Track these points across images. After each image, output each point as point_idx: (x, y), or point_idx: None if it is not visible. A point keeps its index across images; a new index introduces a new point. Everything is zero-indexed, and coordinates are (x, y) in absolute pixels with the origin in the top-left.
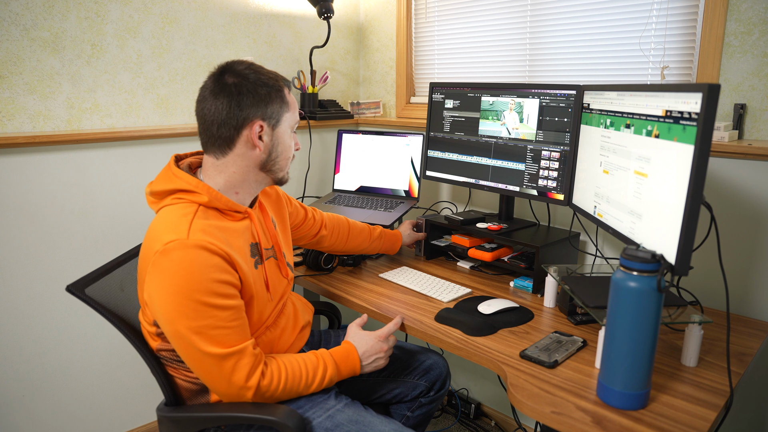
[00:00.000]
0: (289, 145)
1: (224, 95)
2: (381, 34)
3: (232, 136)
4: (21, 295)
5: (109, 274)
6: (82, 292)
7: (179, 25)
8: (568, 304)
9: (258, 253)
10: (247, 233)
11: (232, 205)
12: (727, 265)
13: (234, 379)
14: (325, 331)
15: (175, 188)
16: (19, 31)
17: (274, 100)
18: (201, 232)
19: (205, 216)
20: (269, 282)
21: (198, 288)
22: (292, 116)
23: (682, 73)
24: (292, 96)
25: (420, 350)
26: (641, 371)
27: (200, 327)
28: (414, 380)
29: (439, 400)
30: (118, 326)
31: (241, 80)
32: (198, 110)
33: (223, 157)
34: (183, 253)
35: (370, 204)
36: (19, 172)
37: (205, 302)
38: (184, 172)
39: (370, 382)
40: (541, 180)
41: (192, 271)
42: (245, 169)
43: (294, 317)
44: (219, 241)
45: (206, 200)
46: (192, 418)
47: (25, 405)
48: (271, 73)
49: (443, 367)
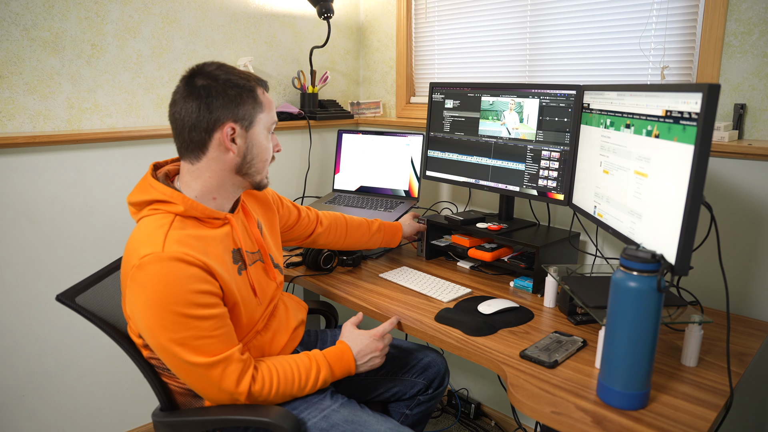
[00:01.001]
0: (265, 147)
1: (194, 98)
2: (381, 34)
3: (203, 140)
4: (21, 295)
5: (100, 282)
6: (73, 301)
7: (179, 25)
8: (568, 304)
9: (241, 259)
10: (227, 240)
11: (209, 212)
12: (727, 265)
13: (224, 385)
14: (322, 330)
15: (151, 199)
16: (19, 31)
17: (245, 101)
18: (176, 243)
19: (182, 226)
20: (256, 287)
21: (176, 300)
22: (267, 117)
23: (682, 73)
24: (267, 96)
25: (417, 348)
26: (641, 371)
27: (183, 338)
28: (412, 378)
29: (438, 398)
30: (110, 335)
31: (211, 82)
32: (170, 114)
33: (197, 162)
34: (159, 266)
35: (370, 204)
36: (19, 172)
37: (186, 314)
38: (159, 183)
39: (368, 381)
40: (541, 180)
41: (169, 284)
42: (220, 173)
43: (286, 318)
44: (196, 251)
45: (182, 210)
46: (187, 422)
47: (25, 405)
48: (242, 73)
49: (441, 365)
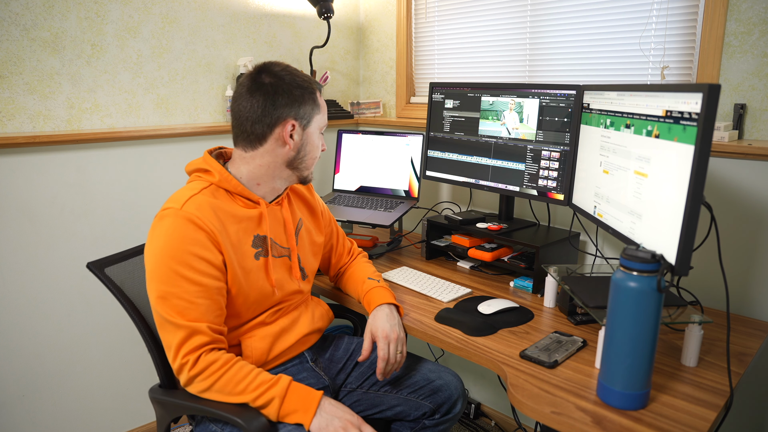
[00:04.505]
0: (316, 145)
1: (260, 94)
2: (381, 34)
3: (264, 133)
4: (21, 295)
5: (128, 260)
6: (102, 272)
7: (179, 25)
8: (568, 304)
9: (262, 246)
10: (252, 223)
11: (242, 190)
12: (727, 265)
13: (180, 351)
14: (340, 336)
15: (197, 167)
16: (19, 31)
17: (307, 102)
18: (195, 206)
19: (214, 195)
20: (272, 278)
21: (173, 255)
22: (322, 118)
23: (682, 73)
24: (322, 99)
25: (433, 367)
26: (641, 371)
27: (165, 292)
28: (418, 400)
29: (447, 425)
30: (126, 308)
31: (278, 81)
32: (233, 107)
33: (252, 150)
34: (171, 221)
35: (370, 204)
36: (19, 172)
37: (176, 271)
38: (210, 157)
39: (371, 394)
40: (541, 180)
41: (173, 239)
42: (272, 164)
43: (300, 322)
44: (210, 219)
45: (216, 179)
46: (176, 404)
47: (25, 405)
48: (305, 76)
49: (454, 390)
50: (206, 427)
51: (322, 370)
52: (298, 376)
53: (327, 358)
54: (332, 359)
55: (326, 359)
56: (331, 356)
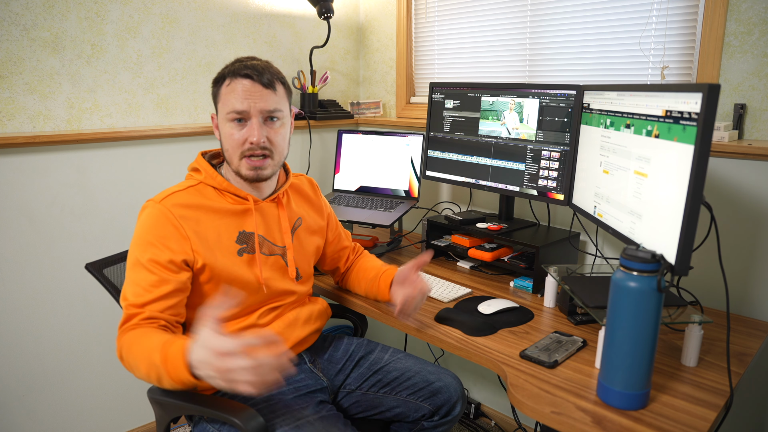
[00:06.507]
0: (227, 134)
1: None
2: (381, 34)
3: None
4: (21, 295)
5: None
6: (100, 273)
7: (179, 25)
8: (568, 304)
9: (247, 242)
10: (238, 219)
11: (227, 186)
12: (727, 265)
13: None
14: (339, 336)
15: (192, 166)
16: (19, 31)
17: (218, 91)
18: (174, 203)
19: (200, 192)
20: (259, 273)
21: (138, 243)
22: (225, 105)
23: (682, 73)
24: (236, 84)
25: (432, 369)
26: (641, 371)
27: (129, 275)
28: (417, 401)
29: (446, 426)
30: None
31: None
32: None
33: None
34: (147, 212)
35: (370, 204)
36: (19, 172)
37: (138, 259)
38: (200, 157)
39: (369, 395)
40: (541, 180)
41: (143, 228)
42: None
43: (293, 326)
44: (185, 217)
45: (203, 177)
46: (175, 405)
47: (25, 405)
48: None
49: (454, 392)
50: (204, 428)
51: (321, 371)
52: (295, 377)
53: (326, 359)
54: (331, 360)
55: (325, 360)
56: (330, 357)
